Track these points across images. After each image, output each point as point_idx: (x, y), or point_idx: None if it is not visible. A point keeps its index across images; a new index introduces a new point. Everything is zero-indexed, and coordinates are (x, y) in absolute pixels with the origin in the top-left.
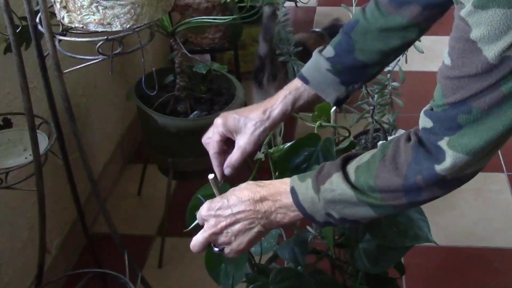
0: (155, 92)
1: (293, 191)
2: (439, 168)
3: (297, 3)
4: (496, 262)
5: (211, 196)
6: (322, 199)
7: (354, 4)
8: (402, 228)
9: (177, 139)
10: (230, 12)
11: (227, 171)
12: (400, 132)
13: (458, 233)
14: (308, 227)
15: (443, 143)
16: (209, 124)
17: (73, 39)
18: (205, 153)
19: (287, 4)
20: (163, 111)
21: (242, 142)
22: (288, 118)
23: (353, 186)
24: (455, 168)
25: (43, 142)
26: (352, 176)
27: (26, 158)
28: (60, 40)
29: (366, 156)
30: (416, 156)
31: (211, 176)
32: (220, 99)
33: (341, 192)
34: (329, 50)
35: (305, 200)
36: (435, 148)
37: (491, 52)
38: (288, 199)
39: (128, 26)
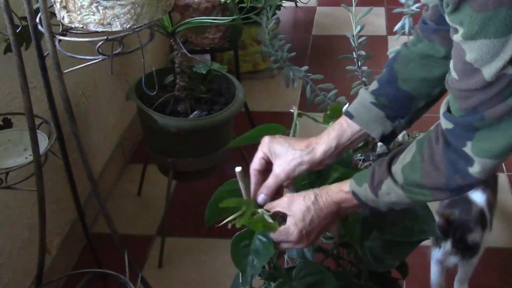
0: (155, 92)
1: (354, 194)
2: (472, 170)
3: (297, 3)
4: (496, 262)
5: (235, 191)
6: (381, 201)
7: (354, 4)
8: (408, 224)
9: (177, 139)
10: (230, 13)
11: (260, 198)
12: (402, 133)
13: None
14: None
15: (467, 150)
16: (209, 124)
17: (73, 39)
18: (205, 153)
19: (287, 4)
20: (163, 111)
21: (278, 169)
22: (290, 119)
23: (403, 188)
24: (485, 171)
25: (43, 142)
26: (399, 177)
27: (26, 158)
28: (60, 40)
29: (407, 156)
30: (449, 158)
31: (238, 169)
32: (220, 99)
33: (395, 195)
34: (373, 84)
35: (367, 200)
36: (462, 153)
37: (487, 71)
38: (353, 200)
39: (128, 26)
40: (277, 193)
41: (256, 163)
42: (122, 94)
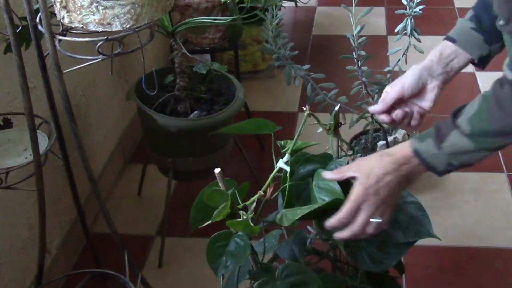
0: (155, 92)
1: (416, 152)
2: None
3: (297, 3)
4: (496, 262)
5: (217, 192)
6: (444, 154)
7: (354, 4)
8: (403, 224)
9: (177, 139)
10: (230, 12)
11: (373, 107)
12: (401, 132)
13: (458, 233)
14: (308, 227)
15: None
16: (209, 124)
17: (73, 39)
18: (205, 153)
19: (287, 4)
20: (163, 111)
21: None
22: (290, 119)
23: (470, 137)
24: None
25: (43, 142)
26: (466, 128)
27: (26, 158)
28: (60, 40)
29: (472, 108)
30: None
31: (217, 170)
32: (220, 99)
33: (461, 144)
34: (469, 13)
35: (428, 155)
36: None
37: None
38: (414, 159)
39: (128, 26)
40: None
41: (382, 98)
42: (122, 94)
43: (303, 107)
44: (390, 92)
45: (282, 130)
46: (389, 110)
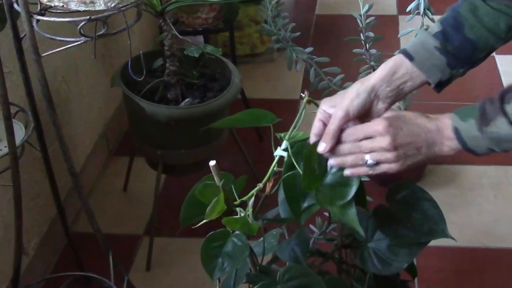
0: (142, 77)
1: (456, 130)
2: None
3: None
4: (507, 263)
5: (212, 187)
6: (486, 138)
7: None
8: (416, 223)
9: (167, 129)
10: None
11: (321, 147)
12: None
13: (475, 232)
14: (311, 226)
15: None
16: (202, 112)
17: (52, 19)
18: (198, 144)
19: None
20: (151, 98)
21: (336, 110)
22: (291, 107)
23: None
24: None
25: (19, 133)
26: None
27: (0, 150)
28: (38, 20)
29: None
30: None
31: (212, 163)
32: (214, 85)
33: (506, 132)
34: (436, 26)
35: (468, 137)
36: None
37: None
38: (451, 134)
39: (113, 4)
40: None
41: (315, 127)
42: (106, 80)
43: (301, 93)
44: (333, 121)
45: (282, 120)
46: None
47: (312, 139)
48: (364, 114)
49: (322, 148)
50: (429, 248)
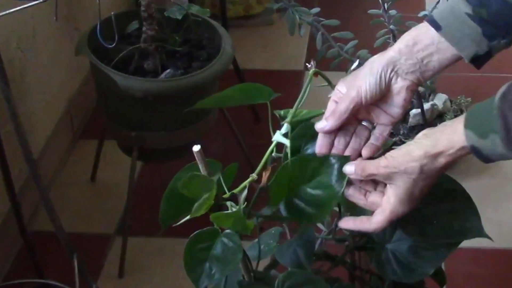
0: (114, 44)
1: (475, 150)
2: None
3: None
4: None
5: (197, 178)
6: None
7: None
8: (444, 220)
9: (144, 106)
10: None
11: (320, 124)
12: (441, 97)
13: None
14: (318, 224)
15: None
16: (186, 86)
17: None
18: (181, 125)
19: None
20: (125, 69)
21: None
22: (294, 80)
23: None
24: None
25: None
26: None
27: None
28: None
29: None
30: None
31: (196, 147)
32: (201, 53)
33: None
34: None
35: (493, 155)
36: None
37: None
38: (464, 151)
39: None
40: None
41: (329, 110)
42: (70, 47)
43: (306, 64)
44: (343, 100)
45: (283, 96)
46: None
47: (322, 125)
48: (382, 95)
49: (321, 125)
50: (460, 250)
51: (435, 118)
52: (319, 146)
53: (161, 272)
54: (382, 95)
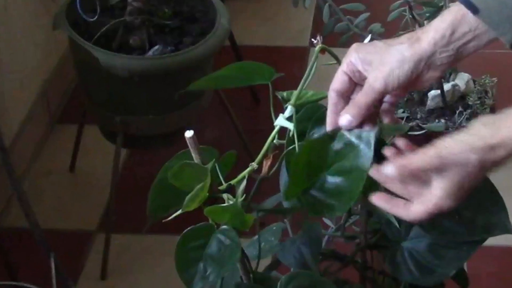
0: (96, 17)
1: None
2: None
3: None
4: None
5: (189, 168)
6: None
7: None
8: (467, 215)
9: (129, 87)
10: None
11: (344, 119)
12: (463, 76)
13: None
14: (325, 219)
15: None
16: (177, 64)
17: None
18: (171, 108)
19: None
20: (108, 46)
21: (372, 77)
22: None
23: None
24: None
25: None
26: None
27: None
28: None
29: None
30: None
31: (189, 133)
32: (193, 27)
33: None
34: None
35: None
36: None
37: None
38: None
39: None
40: (370, 118)
41: (336, 81)
42: (47, 21)
43: (312, 39)
44: (368, 93)
45: (285, 75)
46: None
47: (331, 97)
48: (408, 83)
49: (346, 121)
50: (485, 248)
51: (457, 101)
52: (331, 124)
53: (149, 273)
54: (408, 83)
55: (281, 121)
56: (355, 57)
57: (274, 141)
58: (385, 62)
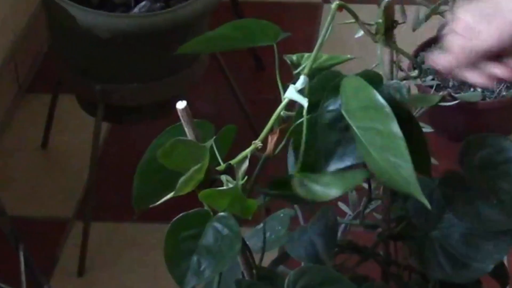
0: None
1: None
2: None
3: None
4: None
5: (181, 145)
6: None
7: None
8: (507, 199)
9: (112, 50)
10: None
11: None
12: None
13: None
14: (341, 205)
15: None
16: (167, 23)
17: None
18: (159, 75)
19: None
20: (87, 2)
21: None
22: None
23: None
24: None
25: None
26: None
27: None
28: None
29: None
30: None
31: (181, 104)
32: None
33: None
34: None
35: None
36: None
37: None
38: None
39: None
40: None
41: (455, 45)
42: None
43: None
44: (481, 37)
45: (294, 36)
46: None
47: (445, 59)
48: None
49: (445, 61)
50: None
51: None
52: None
53: (134, 268)
54: None
55: (291, 93)
56: (464, 13)
57: (282, 113)
58: (501, 6)
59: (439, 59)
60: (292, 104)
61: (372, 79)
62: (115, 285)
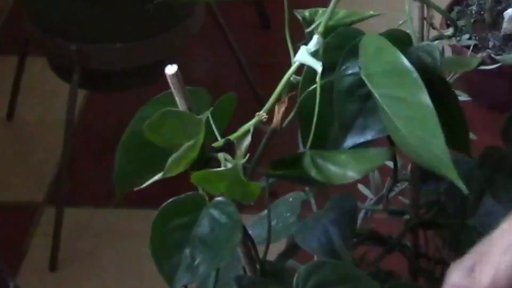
0: None
1: None
2: None
3: None
4: None
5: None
6: None
7: None
8: None
9: (89, 4)
10: None
11: None
12: None
13: None
14: (361, 187)
15: None
16: None
17: None
18: (146, 33)
19: None
20: None
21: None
22: None
23: None
24: None
25: None
26: None
27: None
28: None
29: None
30: None
31: (171, 69)
32: None
33: None
34: None
35: None
36: None
37: None
38: None
39: None
40: None
41: None
42: None
43: None
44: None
45: None
46: None
47: None
48: None
49: None
50: None
51: None
52: None
53: (115, 261)
54: None
55: (303, 56)
56: (457, 276)
57: (292, 78)
58: (492, 253)
59: None
60: (302, 68)
61: (399, 39)
62: (93, 282)
